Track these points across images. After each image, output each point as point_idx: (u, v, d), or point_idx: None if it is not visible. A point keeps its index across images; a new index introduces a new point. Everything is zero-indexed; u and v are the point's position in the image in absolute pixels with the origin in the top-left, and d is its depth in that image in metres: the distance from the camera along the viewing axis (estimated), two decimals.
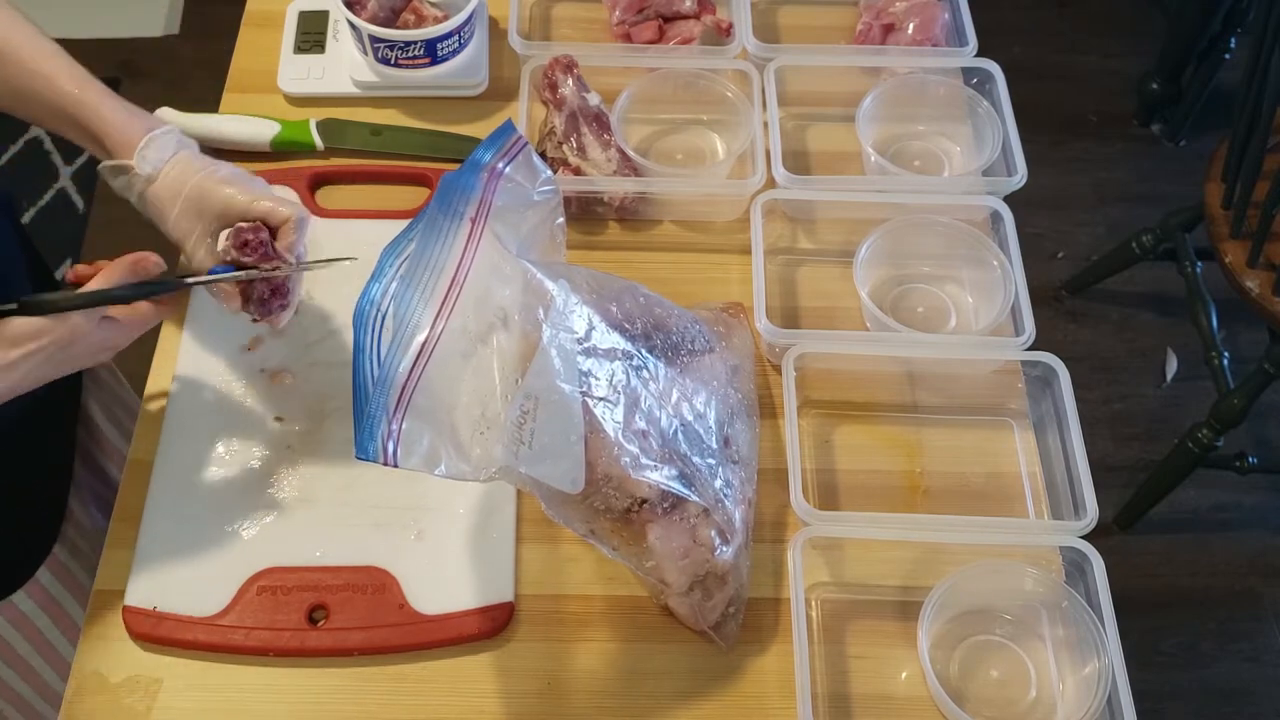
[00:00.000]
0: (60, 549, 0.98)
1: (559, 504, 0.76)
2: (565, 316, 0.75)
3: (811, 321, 1.02)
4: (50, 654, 1.01)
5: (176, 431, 0.92)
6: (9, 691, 1.01)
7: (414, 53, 1.09)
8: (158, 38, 2.52)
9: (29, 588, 0.95)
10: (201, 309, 0.99)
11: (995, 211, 1.03)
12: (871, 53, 1.17)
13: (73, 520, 1.00)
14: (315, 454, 0.92)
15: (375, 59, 1.10)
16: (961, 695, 0.84)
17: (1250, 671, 1.82)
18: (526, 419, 0.70)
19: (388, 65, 1.11)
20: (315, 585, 0.85)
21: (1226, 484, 1.94)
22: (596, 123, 1.06)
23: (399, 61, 1.10)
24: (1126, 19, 2.60)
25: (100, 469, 1.08)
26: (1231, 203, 1.64)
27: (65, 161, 2.33)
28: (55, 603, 0.99)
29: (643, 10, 1.16)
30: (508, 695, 0.83)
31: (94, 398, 1.08)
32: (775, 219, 1.06)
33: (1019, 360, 0.96)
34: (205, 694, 0.83)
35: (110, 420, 1.10)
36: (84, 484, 1.04)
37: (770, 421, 0.95)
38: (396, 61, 1.10)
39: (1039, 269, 2.17)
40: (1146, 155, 2.40)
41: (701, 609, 0.82)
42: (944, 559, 0.87)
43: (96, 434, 1.08)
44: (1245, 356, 1.91)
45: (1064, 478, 0.91)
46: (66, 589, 0.99)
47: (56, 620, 1.00)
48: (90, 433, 1.06)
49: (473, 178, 0.77)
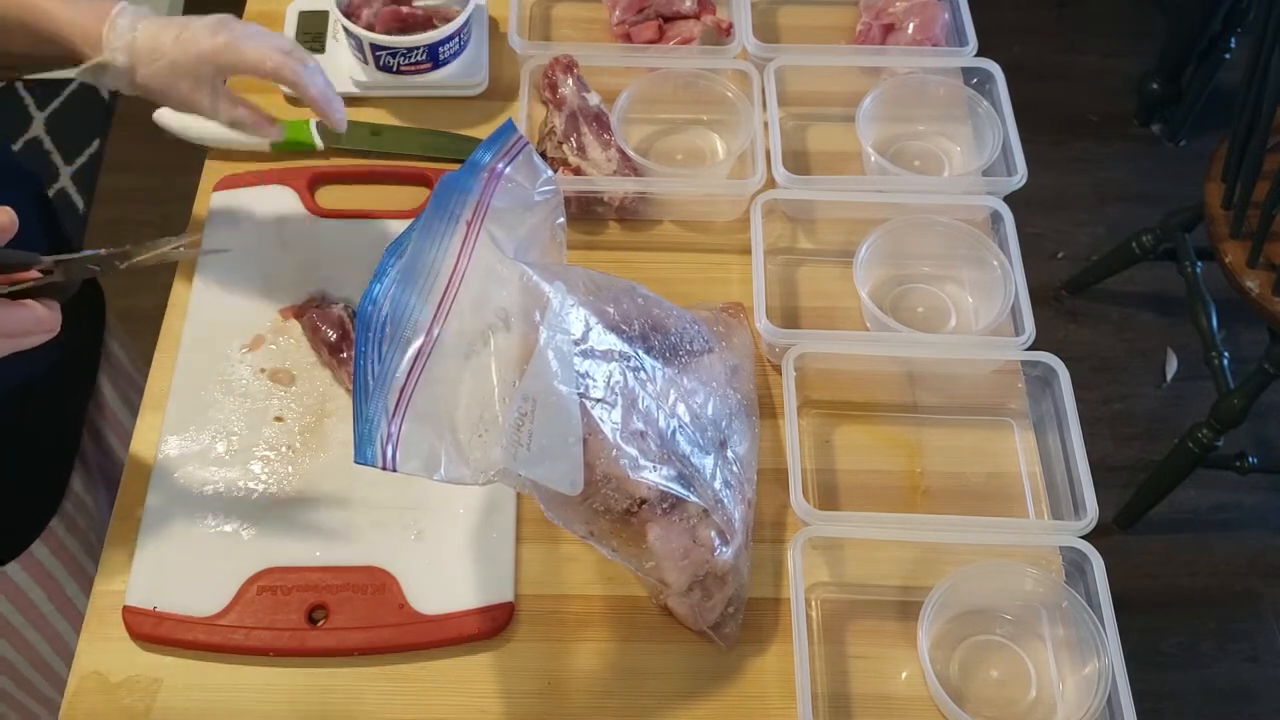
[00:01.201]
0: (58, 523, 0.98)
1: (558, 506, 0.76)
2: (562, 318, 0.75)
3: (811, 321, 1.02)
4: (46, 628, 1.02)
5: (176, 431, 0.92)
6: (6, 666, 1.02)
7: (416, 58, 1.09)
8: None
9: (23, 559, 0.95)
10: (202, 309, 0.99)
11: (995, 211, 1.03)
12: (871, 53, 1.17)
13: (73, 497, 1.00)
14: (315, 454, 0.92)
15: (377, 67, 1.10)
16: (961, 695, 0.84)
17: (1250, 671, 1.82)
18: (525, 421, 0.70)
19: (389, 72, 1.11)
20: (315, 585, 0.85)
21: (1226, 484, 1.94)
22: (596, 123, 1.06)
23: (401, 68, 1.10)
24: (1126, 19, 2.60)
25: (109, 448, 1.08)
26: (1231, 203, 1.64)
27: (65, 161, 2.33)
28: (50, 577, 0.99)
29: (643, 10, 1.16)
30: (508, 695, 0.83)
31: (108, 376, 1.08)
32: (775, 219, 1.06)
33: (1019, 360, 0.96)
34: (205, 694, 0.83)
35: (124, 402, 1.10)
36: (91, 460, 1.04)
37: (770, 421, 0.95)
38: (399, 68, 1.10)
39: (1039, 269, 2.17)
40: (1146, 155, 2.40)
41: (701, 609, 0.82)
42: (944, 559, 0.87)
43: (107, 413, 1.08)
44: (1245, 356, 1.91)
45: (1064, 478, 0.91)
46: (62, 563, 0.99)
47: (51, 595, 1.00)
48: (101, 411, 1.07)
49: (471, 179, 0.77)
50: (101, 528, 0.89)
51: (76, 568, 1.01)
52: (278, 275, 1.01)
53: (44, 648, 1.03)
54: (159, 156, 1.42)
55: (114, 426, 1.09)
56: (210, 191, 1.06)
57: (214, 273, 1.01)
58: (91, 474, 1.05)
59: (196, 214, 1.06)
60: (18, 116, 2.39)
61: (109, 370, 1.09)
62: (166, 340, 0.98)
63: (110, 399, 1.09)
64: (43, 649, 1.03)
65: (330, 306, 0.96)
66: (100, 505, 1.05)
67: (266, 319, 0.98)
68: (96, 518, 1.04)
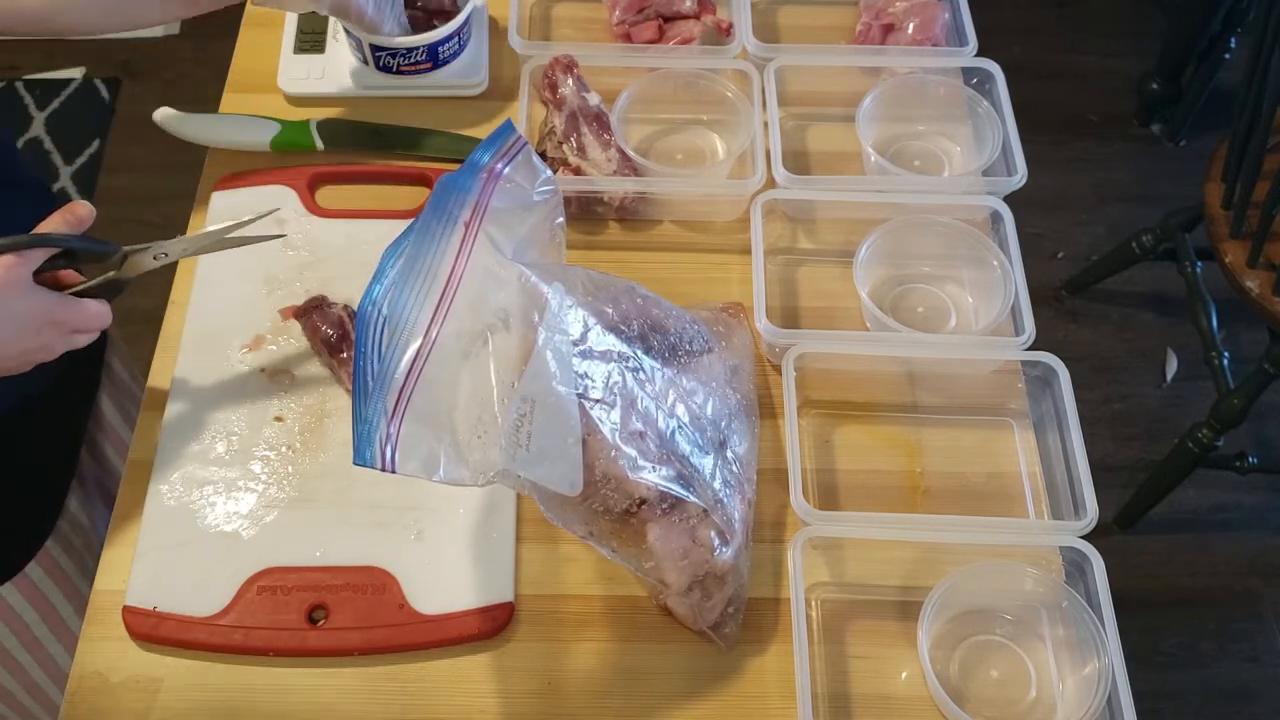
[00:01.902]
0: (53, 544, 0.98)
1: (557, 507, 0.76)
2: (560, 319, 0.75)
3: (811, 321, 1.02)
4: (39, 652, 1.01)
5: (176, 431, 0.92)
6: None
7: (416, 58, 1.09)
8: (158, 38, 2.52)
9: (17, 581, 0.95)
10: (202, 309, 0.99)
11: (995, 211, 1.03)
12: (871, 53, 1.17)
13: (69, 516, 1.00)
14: (315, 454, 0.92)
15: (376, 67, 1.11)
16: (961, 695, 0.84)
17: (1250, 671, 1.82)
18: (523, 422, 0.70)
19: (389, 73, 1.11)
20: (315, 585, 0.85)
21: (1226, 484, 1.93)
22: (596, 123, 1.06)
23: (401, 68, 1.10)
24: (1126, 19, 2.60)
25: (109, 465, 1.08)
26: (1231, 203, 1.64)
27: (65, 161, 2.33)
28: (45, 599, 0.98)
29: (643, 10, 1.16)
30: (507, 695, 0.83)
31: (108, 394, 1.08)
32: (775, 219, 1.06)
33: (1019, 360, 0.96)
34: (205, 694, 0.83)
35: (124, 417, 1.10)
36: (89, 479, 1.04)
37: (770, 421, 0.95)
38: (399, 68, 1.10)
39: (1039, 269, 2.17)
40: (1146, 155, 2.40)
41: (701, 609, 0.82)
42: (944, 559, 0.87)
43: (106, 429, 1.08)
44: (1245, 356, 1.91)
45: (1064, 478, 0.91)
46: (57, 585, 0.99)
47: (45, 617, 0.99)
48: (100, 428, 1.07)
49: (470, 179, 0.77)
50: (98, 548, 0.89)
51: (72, 590, 1.00)
52: (278, 275, 1.01)
53: (38, 672, 1.02)
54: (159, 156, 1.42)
55: (114, 443, 1.09)
56: (210, 191, 1.06)
57: (214, 273, 1.01)
58: (89, 493, 1.04)
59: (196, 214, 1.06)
60: (18, 116, 2.39)
61: (109, 387, 1.08)
62: (166, 340, 0.98)
63: (110, 416, 1.08)
64: (36, 674, 1.02)
65: (330, 306, 0.96)
66: (97, 524, 1.04)
67: (266, 319, 0.98)
68: (93, 537, 1.03)
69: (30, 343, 0.75)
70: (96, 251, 0.79)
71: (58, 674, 1.03)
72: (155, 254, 0.83)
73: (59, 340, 0.77)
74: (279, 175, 1.07)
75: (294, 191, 1.06)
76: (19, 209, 0.83)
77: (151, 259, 0.83)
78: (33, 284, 0.74)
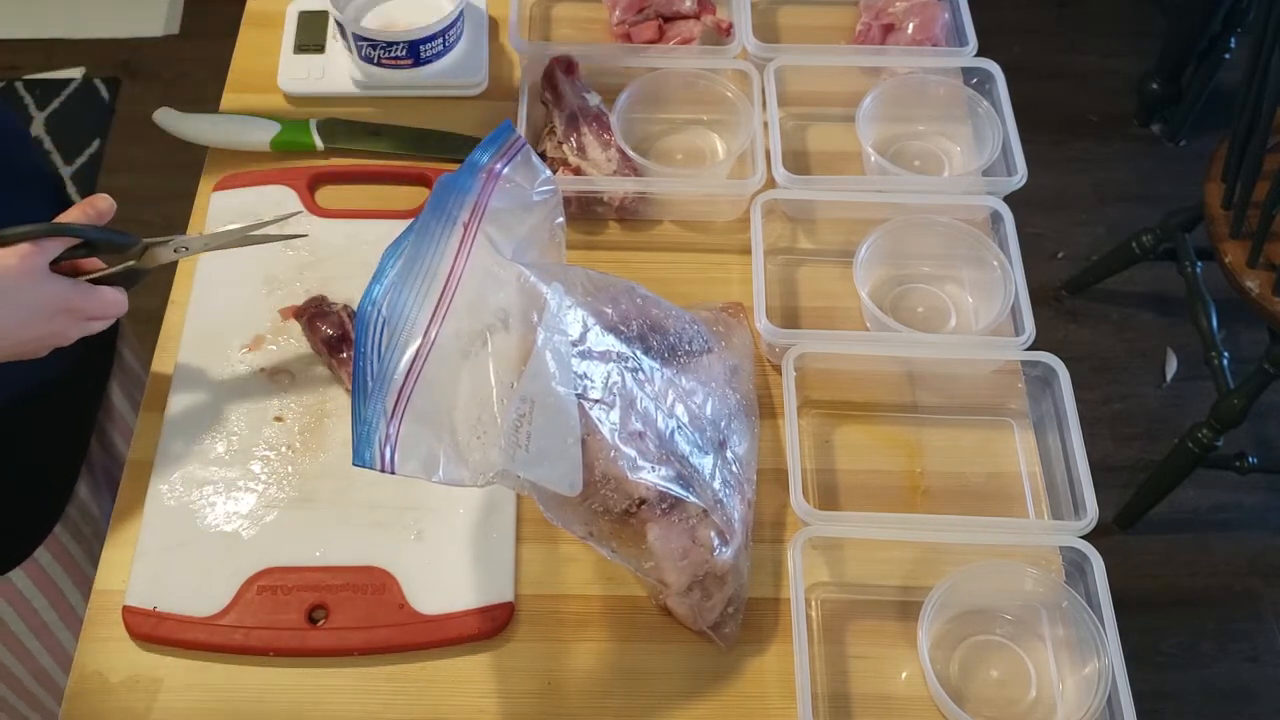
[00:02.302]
0: (62, 530, 0.98)
1: (557, 507, 0.76)
2: (560, 319, 0.75)
3: (811, 321, 1.02)
4: (48, 638, 1.01)
5: (176, 431, 0.92)
6: (6, 674, 1.01)
7: (396, 53, 1.09)
8: (158, 38, 2.52)
9: (27, 566, 0.95)
10: (202, 309, 0.99)
11: (995, 211, 1.03)
12: (871, 53, 1.17)
13: (78, 503, 1.00)
14: (315, 454, 0.92)
15: (359, 57, 1.11)
16: (961, 695, 0.84)
17: (1250, 671, 1.82)
18: (523, 422, 0.70)
19: (371, 64, 1.11)
20: (315, 585, 0.85)
21: (1226, 484, 1.93)
22: (596, 123, 1.06)
23: (382, 61, 1.10)
24: (1126, 19, 2.60)
25: (117, 454, 1.08)
26: (1231, 203, 1.64)
27: (65, 161, 2.33)
28: (53, 584, 0.99)
29: (643, 10, 1.16)
30: (507, 695, 0.83)
31: (118, 383, 1.08)
32: (775, 219, 1.06)
33: (1019, 360, 0.96)
34: (205, 694, 0.83)
35: (133, 406, 1.10)
36: (97, 466, 1.04)
37: (770, 421, 0.95)
38: (380, 61, 1.10)
39: (1039, 269, 2.17)
40: (1146, 155, 2.40)
41: (701, 609, 0.82)
42: (944, 559, 0.87)
43: (115, 418, 1.08)
44: (1245, 356, 1.91)
45: (1064, 478, 0.91)
46: (66, 571, 0.99)
47: (54, 603, 1.00)
48: (110, 417, 1.07)
49: (469, 179, 0.77)
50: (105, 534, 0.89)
51: (80, 576, 1.01)
52: (278, 275, 1.01)
53: (45, 658, 1.02)
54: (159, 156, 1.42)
55: (123, 432, 1.09)
56: (210, 191, 1.06)
57: (214, 273, 1.01)
58: (97, 480, 1.05)
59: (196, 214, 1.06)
60: (18, 116, 2.39)
61: (120, 376, 1.09)
62: (167, 340, 0.98)
63: (120, 405, 1.09)
64: (44, 659, 1.02)
65: (330, 306, 0.96)
66: (105, 512, 1.05)
67: (266, 319, 0.98)
68: (101, 524, 1.03)
69: (44, 329, 0.77)
70: (116, 243, 0.80)
71: (65, 660, 1.03)
72: (176, 247, 0.84)
73: (74, 326, 0.79)
74: (279, 175, 1.07)
75: (294, 191, 1.06)
76: (33, 200, 0.83)
77: (172, 251, 0.84)
78: (48, 272, 0.75)
